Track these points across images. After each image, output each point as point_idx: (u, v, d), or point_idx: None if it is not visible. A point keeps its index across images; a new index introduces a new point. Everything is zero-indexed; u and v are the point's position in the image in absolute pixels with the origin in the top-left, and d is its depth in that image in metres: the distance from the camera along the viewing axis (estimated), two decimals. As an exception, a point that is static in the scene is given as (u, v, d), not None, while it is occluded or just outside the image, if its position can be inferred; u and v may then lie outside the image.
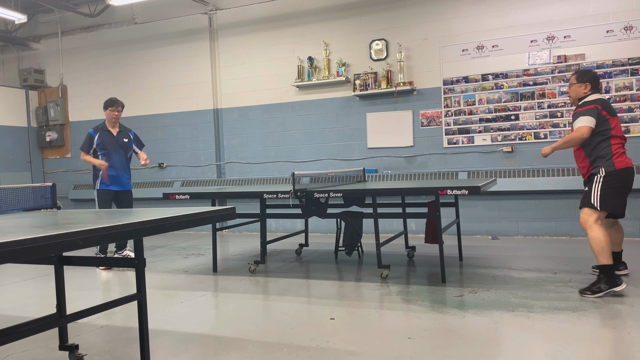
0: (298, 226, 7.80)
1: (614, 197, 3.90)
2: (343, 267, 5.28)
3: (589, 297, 3.76)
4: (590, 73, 4.19)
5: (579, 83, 4.14)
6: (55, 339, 3.11)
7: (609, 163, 3.90)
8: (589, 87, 4.10)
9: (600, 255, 3.80)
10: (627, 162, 3.95)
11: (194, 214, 2.56)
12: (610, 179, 3.89)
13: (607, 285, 3.77)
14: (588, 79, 4.12)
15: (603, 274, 3.82)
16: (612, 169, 3.88)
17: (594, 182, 3.92)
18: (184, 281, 4.93)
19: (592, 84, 4.10)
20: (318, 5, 7.76)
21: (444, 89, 7.07)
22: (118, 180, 5.82)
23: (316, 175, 6.22)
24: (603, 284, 3.78)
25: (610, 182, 3.89)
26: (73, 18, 9.40)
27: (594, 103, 3.98)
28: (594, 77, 4.14)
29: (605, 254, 3.78)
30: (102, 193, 5.76)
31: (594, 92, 4.10)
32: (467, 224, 6.91)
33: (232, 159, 8.44)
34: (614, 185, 3.89)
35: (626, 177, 3.94)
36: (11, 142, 9.41)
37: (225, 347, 3.10)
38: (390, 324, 3.42)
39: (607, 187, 3.88)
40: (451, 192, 4.15)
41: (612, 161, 3.89)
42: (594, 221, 3.87)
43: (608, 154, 3.91)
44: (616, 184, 3.90)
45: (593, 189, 3.91)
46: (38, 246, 1.75)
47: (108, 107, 5.86)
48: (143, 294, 2.64)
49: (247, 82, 8.26)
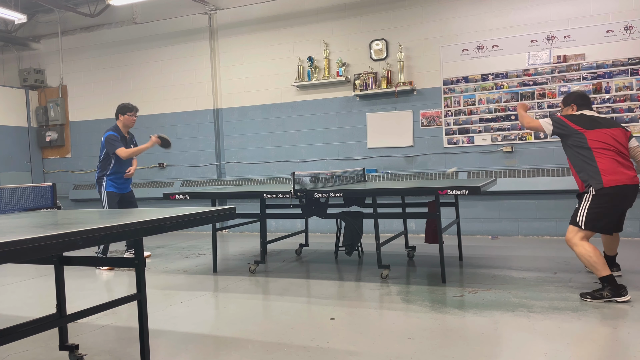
0: (298, 226, 7.80)
1: (603, 217, 3.77)
2: (343, 267, 5.28)
3: (589, 302, 3.70)
4: (572, 94, 4.30)
5: (565, 107, 4.26)
6: (55, 339, 3.12)
7: (597, 180, 3.75)
8: (575, 108, 4.16)
9: (595, 269, 3.71)
10: (620, 179, 3.73)
11: (194, 214, 2.56)
12: (600, 198, 3.74)
13: (611, 293, 3.67)
14: (572, 100, 4.22)
15: (606, 283, 3.71)
16: (600, 187, 3.74)
17: (584, 199, 3.83)
18: (184, 281, 4.93)
19: (576, 103, 4.17)
20: (318, 5, 7.76)
21: (444, 89, 7.07)
22: (126, 183, 5.92)
23: (316, 175, 6.22)
24: (607, 291, 3.68)
25: (600, 201, 3.74)
26: (73, 18, 9.40)
27: (565, 117, 4.02)
28: (577, 96, 4.23)
29: (599, 266, 3.69)
30: (112, 195, 5.76)
31: (583, 109, 4.11)
32: (467, 224, 6.91)
33: (232, 159, 8.44)
34: (602, 205, 3.75)
35: (621, 195, 3.76)
36: (11, 142, 9.41)
37: (225, 347, 3.10)
38: (390, 324, 3.42)
39: (595, 206, 3.75)
40: (451, 192, 4.15)
41: (600, 179, 3.74)
42: (579, 239, 3.78)
43: (595, 171, 3.78)
44: (605, 203, 3.75)
45: (581, 207, 3.82)
46: (38, 246, 1.75)
47: (126, 113, 5.82)
48: (143, 294, 2.64)
49: (247, 82, 8.26)
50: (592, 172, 3.80)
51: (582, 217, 3.79)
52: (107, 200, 5.75)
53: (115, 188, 5.78)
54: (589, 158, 3.83)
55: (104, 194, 5.78)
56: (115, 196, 5.78)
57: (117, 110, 5.88)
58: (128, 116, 5.83)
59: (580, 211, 3.82)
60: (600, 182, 3.75)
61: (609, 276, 3.69)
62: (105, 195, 5.77)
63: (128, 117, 5.83)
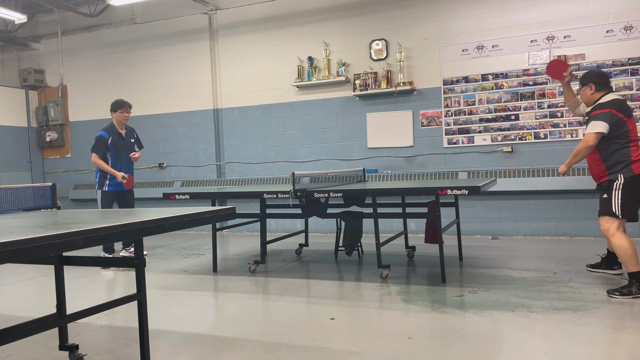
0: (298, 226, 7.80)
1: (635, 203, 3.82)
2: (343, 267, 5.28)
3: (617, 298, 3.68)
4: (590, 73, 4.10)
5: (583, 87, 4.08)
6: (55, 339, 3.12)
7: (628, 169, 3.78)
8: (593, 88, 4.00)
9: (629, 263, 3.73)
10: None
11: (194, 214, 2.56)
12: (630, 185, 3.78)
13: (639, 290, 3.68)
14: (589, 79, 4.03)
15: (634, 279, 3.72)
16: (630, 175, 3.77)
17: (614, 188, 3.80)
18: (184, 281, 4.93)
19: (595, 82, 4.00)
20: (318, 5, 7.76)
21: (444, 89, 7.07)
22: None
23: (316, 175, 6.22)
24: (635, 288, 3.68)
25: (631, 188, 3.78)
26: (73, 18, 9.40)
27: (608, 106, 3.85)
28: (596, 75, 4.03)
29: (633, 260, 3.70)
30: (107, 195, 5.77)
31: (604, 90, 3.97)
32: (467, 224, 6.91)
33: (232, 159, 8.44)
34: (633, 191, 3.79)
35: None
36: (11, 142, 9.41)
37: (225, 347, 3.10)
38: (390, 324, 3.42)
39: (628, 193, 3.78)
40: (451, 192, 4.14)
41: (630, 167, 3.77)
42: (616, 228, 3.79)
43: (627, 159, 3.79)
44: (636, 189, 3.79)
45: (613, 196, 3.80)
46: (38, 246, 1.75)
47: (117, 109, 5.84)
48: (143, 294, 2.64)
49: (247, 82, 8.26)
50: (623, 160, 3.79)
51: (618, 206, 3.78)
52: (101, 201, 5.76)
53: (115, 187, 5.78)
54: (625, 146, 3.80)
55: (99, 194, 5.79)
56: (111, 195, 5.77)
57: (110, 108, 5.92)
58: (120, 113, 5.85)
59: (614, 200, 3.79)
60: (631, 171, 3.77)
61: (638, 272, 3.69)
62: (99, 195, 5.78)
63: (120, 114, 5.85)
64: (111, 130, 5.82)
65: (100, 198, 5.78)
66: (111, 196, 5.78)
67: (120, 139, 5.83)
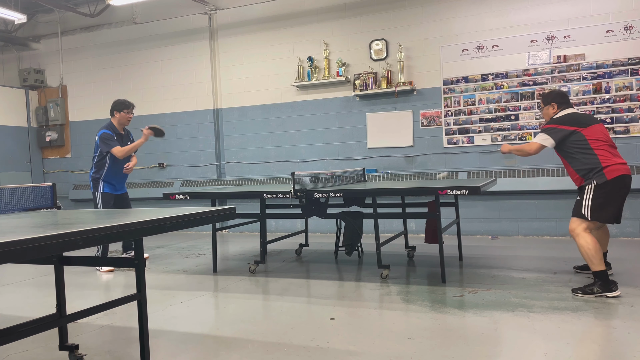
0: (298, 226, 7.80)
1: (606, 207, 3.88)
2: (343, 267, 5.28)
3: (580, 296, 3.80)
4: (552, 93, 4.33)
5: (546, 106, 4.31)
6: (55, 339, 3.11)
7: (600, 175, 3.86)
8: (555, 107, 4.23)
9: (591, 262, 3.82)
10: (619, 170, 3.87)
11: (194, 214, 2.55)
12: (602, 189, 3.86)
13: (601, 289, 3.78)
14: (551, 99, 4.27)
15: (597, 278, 3.82)
16: (603, 180, 3.85)
17: (586, 191, 3.91)
18: (184, 281, 4.93)
19: (557, 101, 4.23)
20: (318, 5, 7.76)
21: (444, 89, 7.07)
22: (122, 183, 5.76)
23: (316, 175, 6.22)
24: (597, 287, 3.80)
25: (602, 192, 3.86)
26: (73, 18, 9.40)
27: (555, 122, 4.07)
28: (557, 95, 4.28)
29: (596, 260, 3.79)
30: (107, 197, 5.59)
31: (564, 107, 4.18)
32: (467, 224, 6.91)
33: (232, 159, 8.44)
34: (605, 196, 3.86)
35: (620, 185, 3.89)
36: (11, 142, 9.41)
37: (225, 347, 3.10)
38: (390, 324, 3.42)
39: (599, 197, 3.86)
40: (451, 192, 4.15)
41: (602, 173, 3.86)
42: (582, 229, 3.88)
43: (596, 166, 3.88)
44: (608, 194, 3.86)
45: (584, 199, 3.91)
46: (38, 246, 1.75)
47: (123, 110, 5.60)
48: (143, 294, 2.64)
49: (247, 82, 8.26)
50: (593, 167, 3.90)
51: (587, 209, 3.88)
52: (102, 203, 5.57)
53: (110, 189, 5.62)
54: (589, 154, 3.93)
55: (98, 197, 5.59)
56: (111, 197, 5.61)
57: (113, 107, 5.66)
58: (124, 113, 5.61)
59: (585, 203, 3.91)
60: (604, 176, 3.85)
61: (602, 271, 3.80)
62: (100, 197, 5.58)
63: (124, 114, 5.61)
64: (113, 130, 5.61)
65: (100, 200, 5.60)
66: (110, 198, 5.62)
67: (120, 139, 5.64)
